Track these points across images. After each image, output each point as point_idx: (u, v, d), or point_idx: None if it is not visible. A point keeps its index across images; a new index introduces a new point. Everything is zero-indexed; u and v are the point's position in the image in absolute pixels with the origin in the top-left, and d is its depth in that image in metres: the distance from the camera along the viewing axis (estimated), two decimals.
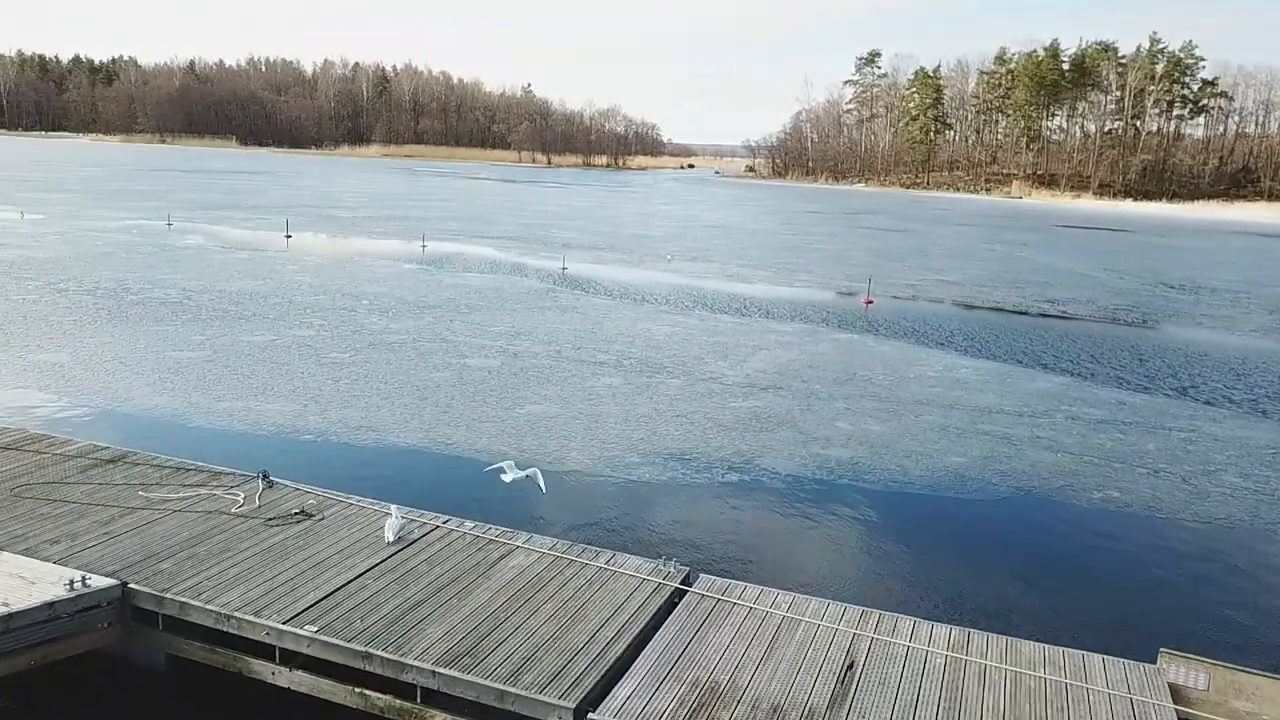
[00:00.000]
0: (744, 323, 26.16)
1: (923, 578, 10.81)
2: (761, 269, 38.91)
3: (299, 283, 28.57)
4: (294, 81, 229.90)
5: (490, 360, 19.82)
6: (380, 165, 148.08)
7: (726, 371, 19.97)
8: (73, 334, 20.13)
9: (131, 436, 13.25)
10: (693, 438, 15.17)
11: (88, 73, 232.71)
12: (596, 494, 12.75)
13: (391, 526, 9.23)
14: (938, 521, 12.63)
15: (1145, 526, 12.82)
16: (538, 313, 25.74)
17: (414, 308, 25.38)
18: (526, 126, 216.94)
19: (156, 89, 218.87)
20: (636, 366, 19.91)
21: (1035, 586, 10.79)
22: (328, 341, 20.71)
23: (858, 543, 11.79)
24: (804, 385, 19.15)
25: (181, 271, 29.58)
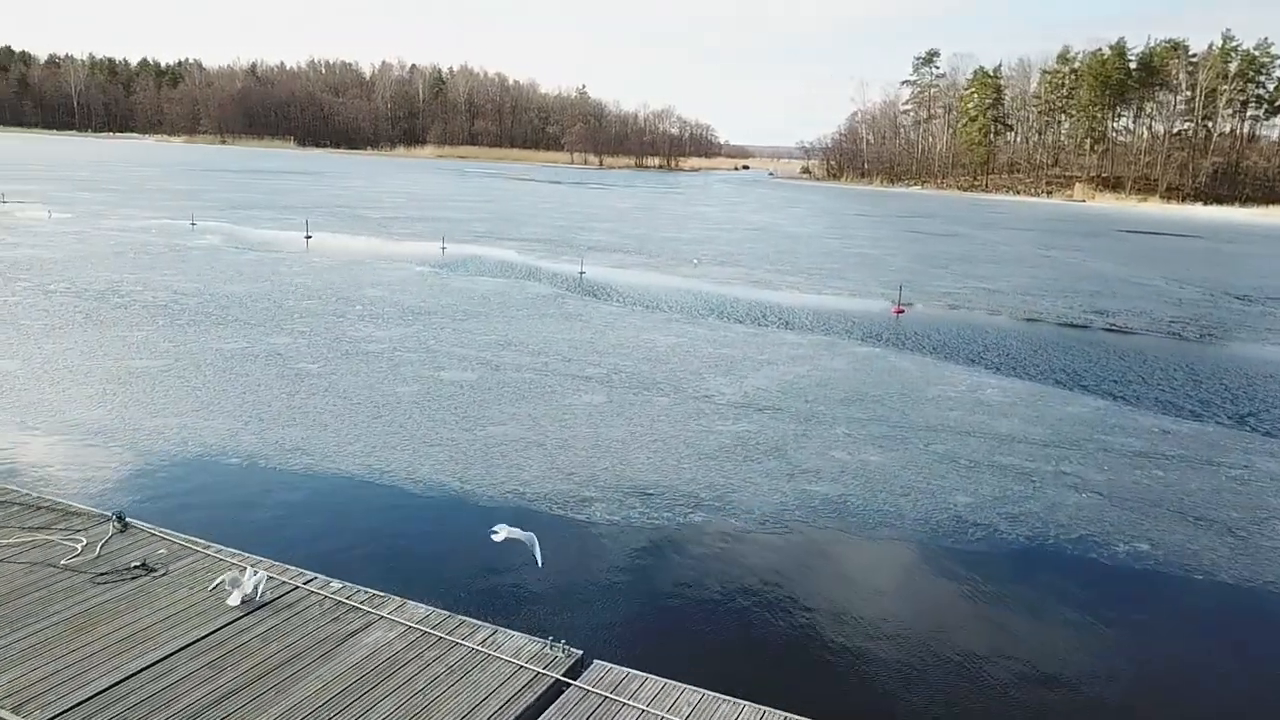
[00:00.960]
0: (757, 334, 24.37)
1: (891, 672, 9.02)
2: (792, 274, 37.00)
3: (298, 286, 27.47)
4: (352, 83, 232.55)
5: (467, 373, 18.37)
6: (431, 166, 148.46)
7: (723, 389, 18.25)
8: (29, 339, 19.13)
9: (3, 464, 12.03)
10: (663, 468, 13.51)
11: (154, 75, 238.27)
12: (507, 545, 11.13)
13: (241, 585, 7.77)
14: (922, 583, 10.78)
15: (1179, 589, 10.85)
16: (537, 320, 24.25)
17: (407, 314, 24.07)
18: (580, 128, 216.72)
19: (219, 91, 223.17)
20: (625, 382, 18.29)
21: (1034, 679, 8.93)
22: (300, 350, 19.44)
23: (815, 621, 10.01)
24: (806, 406, 17.34)
25: (181, 273, 28.69)
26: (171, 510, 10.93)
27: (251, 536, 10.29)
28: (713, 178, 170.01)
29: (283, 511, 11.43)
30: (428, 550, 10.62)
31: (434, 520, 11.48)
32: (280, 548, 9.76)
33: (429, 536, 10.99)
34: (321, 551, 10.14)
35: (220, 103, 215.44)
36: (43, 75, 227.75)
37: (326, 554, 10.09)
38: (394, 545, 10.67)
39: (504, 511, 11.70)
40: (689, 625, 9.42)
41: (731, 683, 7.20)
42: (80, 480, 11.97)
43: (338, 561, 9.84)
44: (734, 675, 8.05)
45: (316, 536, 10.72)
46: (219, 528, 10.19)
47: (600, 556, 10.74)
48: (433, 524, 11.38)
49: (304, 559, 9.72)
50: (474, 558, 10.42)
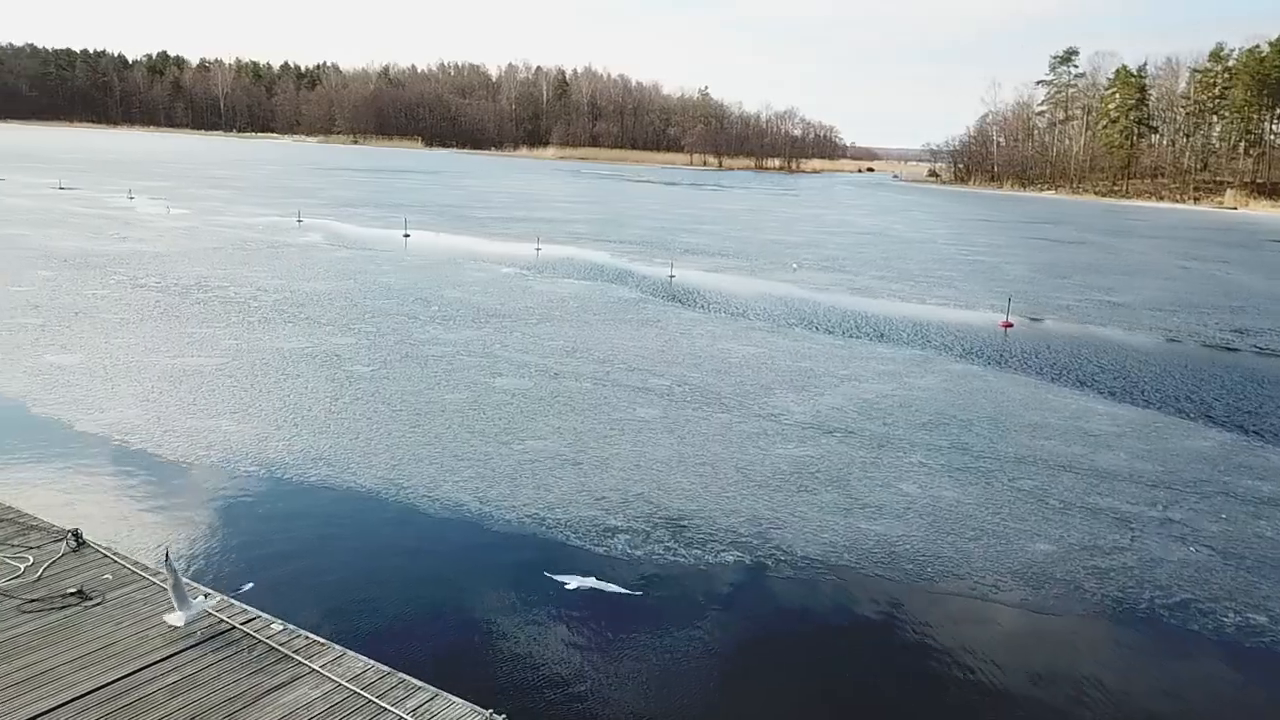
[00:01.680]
0: (844, 346, 22.76)
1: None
2: (897, 281, 34.96)
3: (380, 285, 27.28)
4: (479, 85, 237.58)
5: (522, 380, 17.51)
6: (549, 167, 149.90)
7: (793, 407, 16.84)
8: (100, 333, 19.23)
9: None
10: (704, 496, 12.28)
11: (294, 78, 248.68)
12: (515, 578, 10.11)
13: (174, 616, 7.04)
14: (979, 648, 9.20)
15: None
16: (611, 326, 23.27)
17: (480, 316, 23.45)
18: (700, 129, 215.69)
19: (353, 93, 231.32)
20: (687, 395, 17.10)
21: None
22: (359, 352, 18.97)
23: (845, 693, 8.62)
24: (882, 429, 15.79)
25: (271, 269, 28.93)
26: (147, 526, 10.35)
27: (218, 560, 9.62)
28: (833, 180, 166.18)
29: (270, 532, 10.70)
30: (407, 585, 9.66)
31: (432, 549, 10.57)
32: (247, 571, 9.03)
33: (417, 568, 10.06)
34: (289, 578, 9.37)
35: (354, 104, 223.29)
36: (194, 78, 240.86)
37: (294, 581, 9.32)
38: (375, 576, 9.76)
39: (514, 539, 10.71)
40: (668, 698, 8.19)
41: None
42: (72, 488, 11.58)
43: (304, 590, 9.07)
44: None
45: (294, 561, 9.92)
46: (192, 547, 9.54)
47: (604, 607, 9.61)
48: (429, 553, 10.47)
49: (268, 586, 8.97)
50: (455, 596, 9.45)
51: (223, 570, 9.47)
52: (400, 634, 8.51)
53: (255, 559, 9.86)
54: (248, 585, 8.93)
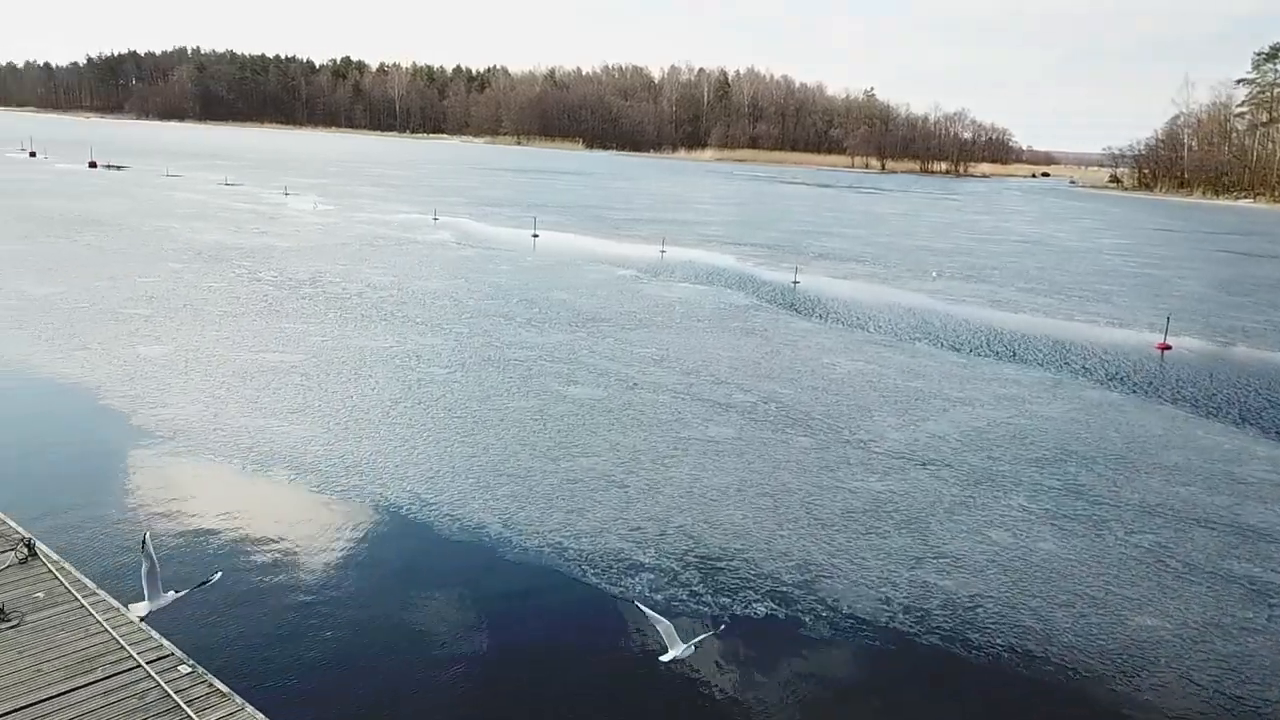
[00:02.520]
0: (966, 364, 20.70)
1: None
2: (1047, 295, 32.08)
3: (489, 285, 26.97)
4: (641, 87, 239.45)
5: (596, 390, 16.54)
6: (703, 169, 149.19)
7: (888, 433, 15.17)
8: (198, 324, 19.50)
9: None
10: (753, 534, 10.94)
11: (465, 81, 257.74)
12: (506, 620, 9.08)
13: (141, 610, 6.75)
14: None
15: None
16: (712, 334, 22.02)
17: (579, 319, 22.67)
18: (864, 131, 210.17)
19: (520, 95, 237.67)
20: (773, 414, 15.70)
21: None
22: (442, 353, 18.49)
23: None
24: (985, 464, 13.94)
25: (388, 266, 29.15)
26: (141, 522, 9.87)
27: (194, 555, 9.00)
28: (1001, 185, 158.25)
29: (262, 540, 10.05)
30: (373, 632, 8.75)
31: (424, 579, 9.68)
32: (216, 569, 8.37)
33: (397, 607, 9.16)
34: (256, 593, 8.62)
35: (519, 106, 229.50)
36: (373, 82, 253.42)
37: (255, 598, 8.57)
38: (342, 609, 8.90)
39: (525, 572, 9.72)
40: None
41: None
42: (76, 486, 11.35)
43: (263, 608, 8.31)
44: None
45: (270, 575, 9.18)
46: (174, 540, 9.00)
47: (591, 666, 8.47)
48: (416, 587, 9.57)
49: (236, 586, 8.29)
50: (420, 651, 8.50)
51: (194, 567, 8.89)
52: (328, 685, 7.64)
53: (234, 564, 9.26)
54: (217, 574, 8.17)
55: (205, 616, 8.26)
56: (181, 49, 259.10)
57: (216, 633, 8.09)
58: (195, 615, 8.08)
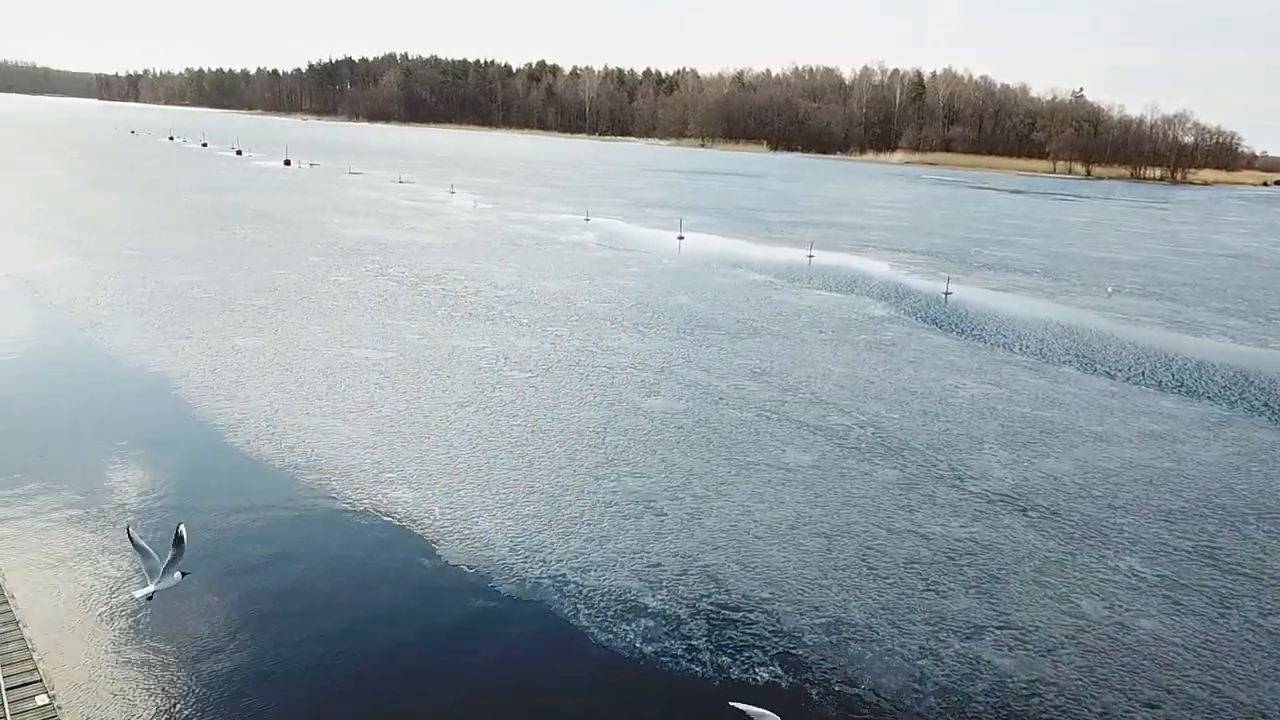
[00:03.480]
0: (1118, 393, 18.21)
1: None
2: (1239, 316, 28.26)
3: (613, 287, 26.31)
4: (830, 88, 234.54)
5: (679, 402, 15.45)
6: (887, 171, 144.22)
7: (994, 469, 13.32)
8: (307, 317, 19.75)
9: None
10: (790, 581, 9.61)
11: (654, 83, 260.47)
12: (471, 661, 8.16)
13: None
14: None
15: None
16: (830, 346, 20.43)
17: (689, 325, 21.60)
18: (1069, 134, 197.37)
19: (707, 97, 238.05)
20: (865, 441, 14.14)
21: None
22: (531, 356, 17.90)
23: None
24: (1101, 514, 11.92)
25: (519, 265, 29.04)
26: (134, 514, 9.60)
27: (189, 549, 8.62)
28: (1225, 193, 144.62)
29: (261, 542, 9.57)
30: (305, 643, 8.02)
31: (393, 597, 8.91)
32: (209, 564, 7.91)
33: (333, 622, 8.42)
34: (227, 601, 8.09)
35: (706, 108, 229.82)
36: (565, 85, 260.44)
37: (220, 608, 8.03)
38: (291, 625, 8.23)
39: (515, 607, 8.82)
40: None
41: None
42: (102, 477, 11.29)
43: (220, 621, 7.77)
44: None
45: (242, 578, 8.65)
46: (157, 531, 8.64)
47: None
48: (383, 602, 8.80)
49: (212, 584, 7.81)
50: (340, 665, 7.69)
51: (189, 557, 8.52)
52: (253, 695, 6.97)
53: (226, 562, 8.82)
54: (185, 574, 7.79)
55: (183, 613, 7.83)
56: (391, 55, 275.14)
57: (188, 628, 7.65)
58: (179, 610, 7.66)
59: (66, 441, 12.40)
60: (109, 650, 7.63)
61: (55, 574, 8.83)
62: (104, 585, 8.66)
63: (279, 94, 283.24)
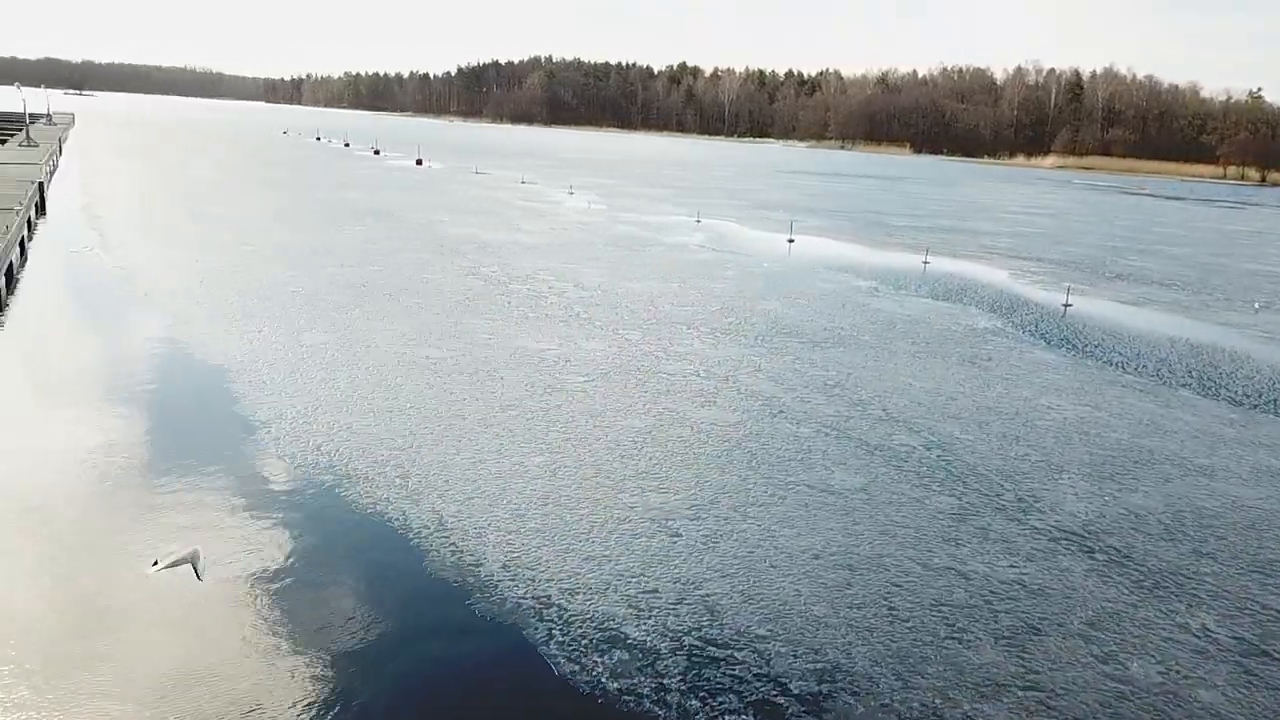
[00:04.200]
0: (1243, 421, 16.27)
1: None
2: None
3: (702, 289, 25.59)
4: (980, 89, 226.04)
5: (730, 415, 14.64)
6: (1036, 176, 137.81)
7: (1067, 503, 11.99)
8: (373, 315, 19.87)
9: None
10: (793, 619, 8.75)
11: (796, 85, 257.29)
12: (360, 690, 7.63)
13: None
14: None
15: None
16: (919, 360, 19.14)
17: (772, 332, 20.70)
18: (1243, 137, 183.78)
19: (849, 99, 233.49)
20: (928, 464, 13.01)
21: None
22: (594, 359, 17.41)
23: None
24: (1184, 562, 10.48)
25: (613, 266, 28.69)
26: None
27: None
28: None
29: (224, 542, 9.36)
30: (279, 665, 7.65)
31: (363, 611, 8.47)
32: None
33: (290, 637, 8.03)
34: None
35: (848, 110, 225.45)
36: (705, 86, 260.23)
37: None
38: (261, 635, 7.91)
39: (476, 627, 8.30)
40: None
41: None
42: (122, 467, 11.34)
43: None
44: None
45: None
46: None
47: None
48: (349, 617, 8.37)
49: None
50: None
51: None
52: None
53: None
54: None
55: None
56: (536, 58, 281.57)
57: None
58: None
59: (90, 422, 12.63)
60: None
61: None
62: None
63: (429, 97, 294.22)
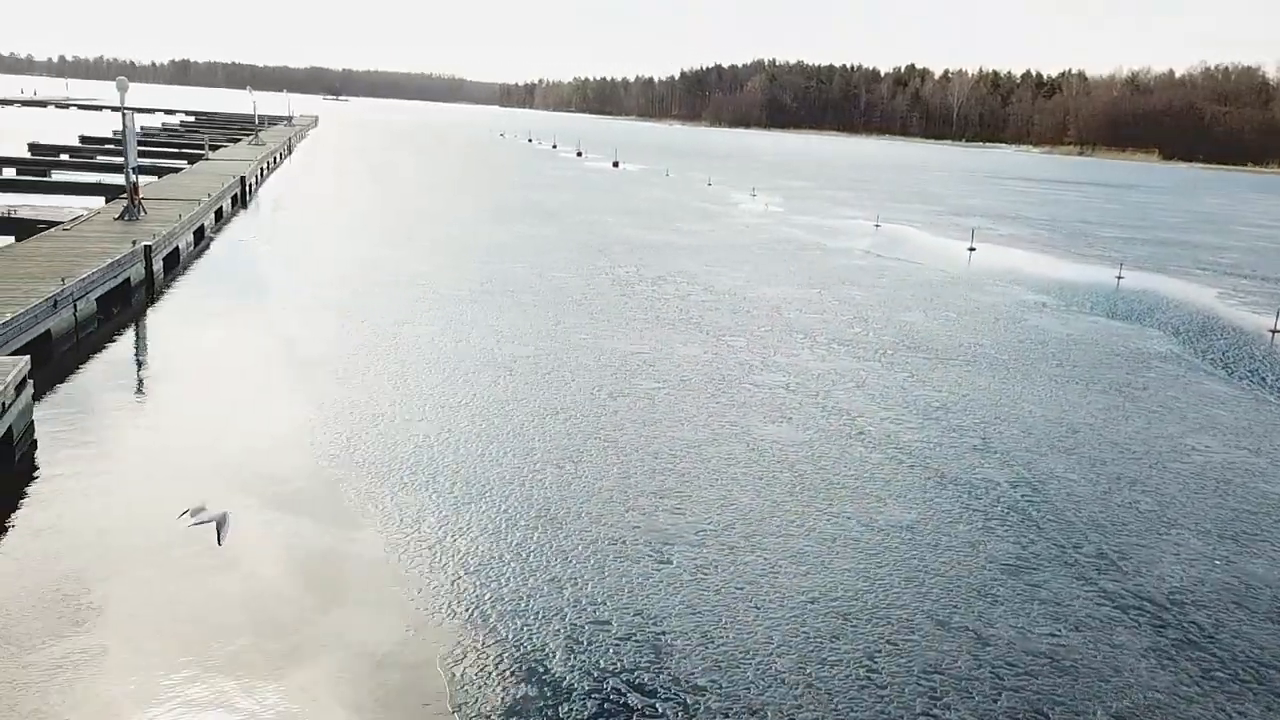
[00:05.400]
0: None
1: None
2: None
3: (840, 297, 24.07)
4: (1248, 90, 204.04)
5: (800, 433, 13.42)
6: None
7: (1163, 563, 10.06)
8: (485, 310, 19.87)
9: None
10: (749, 679, 7.67)
11: (1033, 86, 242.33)
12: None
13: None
14: None
15: None
16: (1060, 384, 16.98)
17: (897, 347, 19.06)
18: None
19: (1092, 101, 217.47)
20: (1004, 506, 11.34)
21: None
22: (681, 364, 16.58)
23: None
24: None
25: (758, 269, 27.59)
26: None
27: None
28: None
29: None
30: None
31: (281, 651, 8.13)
32: None
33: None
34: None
35: (1090, 113, 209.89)
36: (932, 89, 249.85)
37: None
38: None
39: (392, 650, 7.78)
40: None
41: None
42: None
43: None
44: None
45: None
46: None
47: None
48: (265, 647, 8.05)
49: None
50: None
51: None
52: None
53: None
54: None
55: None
56: (759, 61, 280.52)
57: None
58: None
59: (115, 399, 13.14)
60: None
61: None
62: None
63: (651, 100, 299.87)
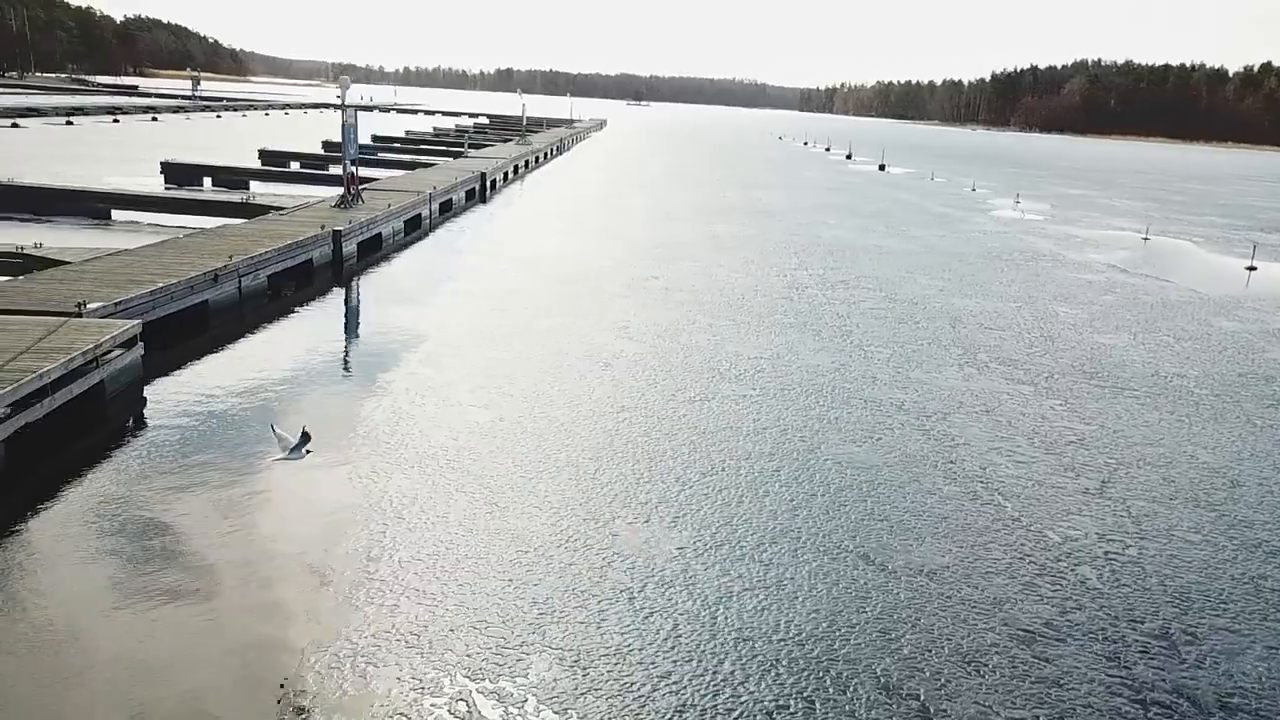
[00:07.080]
0: None
1: None
2: None
3: (1040, 313, 21.21)
4: None
5: (871, 453, 11.75)
6: None
7: (1254, 667, 7.71)
8: (585, 301, 19.25)
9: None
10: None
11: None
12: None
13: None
14: None
15: None
16: (1249, 426, 13.86)
17: (1067, 371, 16.41)
18: None
19: None
20: (1053, 555, 9.27)
21: None
22: (791, 370, 15.20)
23: None
24: None
25: (941, 278, 25.05)
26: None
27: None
28: None
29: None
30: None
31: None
32: None
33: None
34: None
35: None
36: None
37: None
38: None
39: (319, 668, 7.48)
40: None
41: None
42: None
43: None
44: None
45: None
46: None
47: None
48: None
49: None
50: None
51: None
52: None
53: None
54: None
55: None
56: (1081, 61, 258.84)
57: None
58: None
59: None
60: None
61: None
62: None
63: (956, 105, 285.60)
